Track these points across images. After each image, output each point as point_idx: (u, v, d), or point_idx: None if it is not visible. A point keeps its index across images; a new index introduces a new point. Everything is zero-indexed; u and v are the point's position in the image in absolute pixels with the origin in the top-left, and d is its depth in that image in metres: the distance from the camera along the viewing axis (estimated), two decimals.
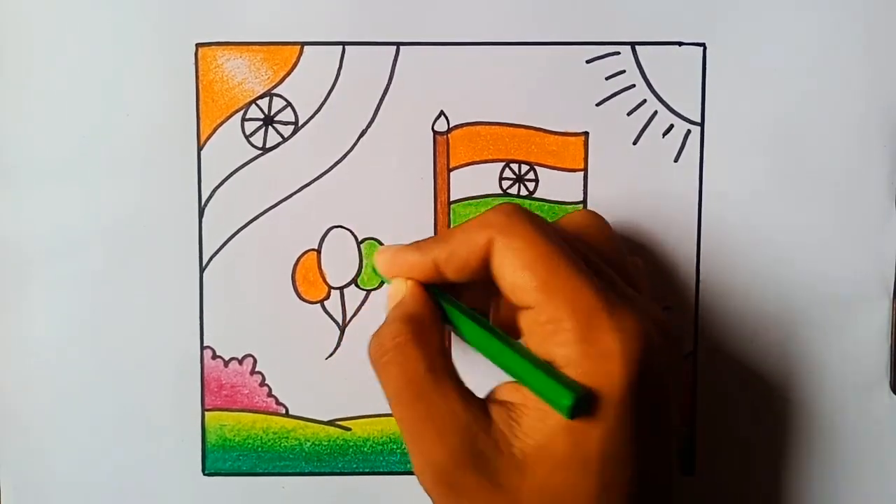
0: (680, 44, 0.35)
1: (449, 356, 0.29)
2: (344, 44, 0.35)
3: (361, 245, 0.35)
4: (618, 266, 0.30)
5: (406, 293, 0.30)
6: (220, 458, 0.36)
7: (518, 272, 0.27)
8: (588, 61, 0.35)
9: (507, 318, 0.30)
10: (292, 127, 0.35)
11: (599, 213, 0.32)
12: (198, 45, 0.35)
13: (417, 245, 0.30)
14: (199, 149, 0.35)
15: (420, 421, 0.27)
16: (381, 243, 0.35)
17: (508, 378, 0.28)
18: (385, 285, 0.32)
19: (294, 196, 0.35)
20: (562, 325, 0.26)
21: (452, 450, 0.27)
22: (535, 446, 0.27)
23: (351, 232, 0.36)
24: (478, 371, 0.29)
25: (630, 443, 0.26)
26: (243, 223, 0.35)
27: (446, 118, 0.35)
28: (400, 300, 0.30)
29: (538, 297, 0.27)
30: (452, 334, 0.31)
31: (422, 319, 0.29)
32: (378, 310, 0.36)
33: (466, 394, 0.28)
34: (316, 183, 0.35)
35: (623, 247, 0.32)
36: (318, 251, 0.36)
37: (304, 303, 0.36)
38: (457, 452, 0.27)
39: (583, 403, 0.26)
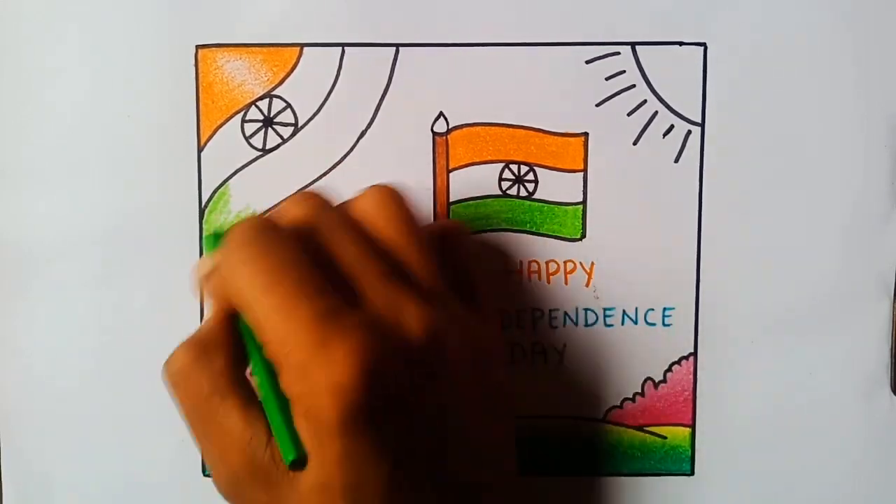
0: (680, 44, 0.35)
1: (234, 375, 0.29)
2: (343, 45, 0.35)
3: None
4: (393, 253, 0.29)
5: (211, 314, 0.30)
6: None
7: (246, 314, 0.27)
8: (588, 61, 0.35)
9: None
10: (292, 128, 0.35)
11: (389, 189, 0.31)
12: (198, 47, 0.35)
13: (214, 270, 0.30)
14: (200, 150, 0.35)
15: (205, 441, 0.29)
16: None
17: None
18: None
19: None
20: (285, 364, 0.27)
21: (233, 467, 0.28)
22: (301, 469, 0.27)
23: None
24: None
25: (372, 470, 0.26)
26: None
27: (445, 119, 0.35)
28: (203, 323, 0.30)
29: (263, 337, 0.27)
30: None
31: (207, 342, 0.29)
32: None
33: (251, 410, 0.28)
34: (315, 184, 0.35)
35: (408, 224, 0.30)
36: None
37: None
38: (237, 469, 0.28)
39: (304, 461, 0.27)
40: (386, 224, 0.30)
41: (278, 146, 0.35)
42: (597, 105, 0.35)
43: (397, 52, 0.35)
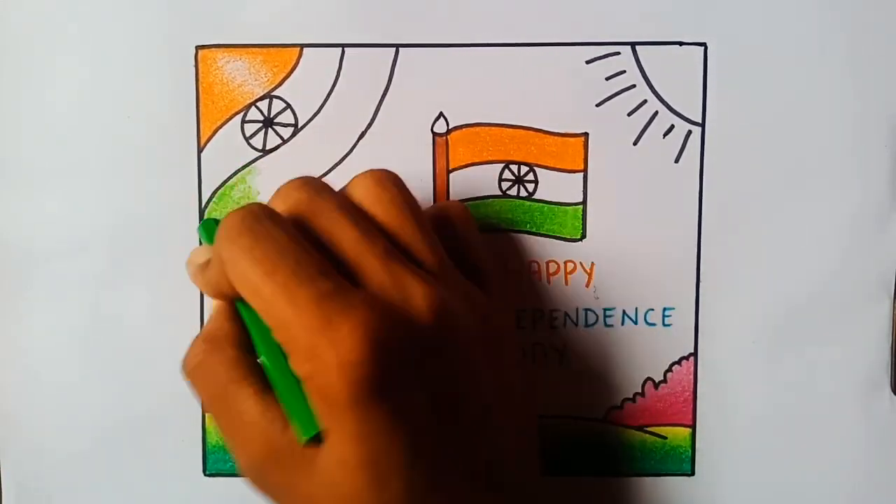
0: (680, 44, 0.35)
1: (247, 363, 0.29)
2: (343, 45, 0.35)
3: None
4: (393, 233, 0.30)
5: (214, 306, 0.31)
6: (221, 459, 0.36)
7: (249, 300, 0.28)
8: (588, 61, 0.35)
9: None
10: (292, 129, 0.35)
11: (385, 171, 0.31)
12: (198, 48, 0.35)
13: (207, 263, 0.30)
14: (200, 151, 0.35)
15: (226, 430, 0.29)
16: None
17: None
18: None
19: None
20: (292, 346, 0.27)
21: (253, 455, 0.28)
22: (316, 447, 0.28)
23: None
24: None
25: (388, 443, 0.27)
26: None
27: (445, 119, 0.35)
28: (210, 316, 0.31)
29: (268, 322, 0.27)
30: None
31: (217, 334, 0.30)
32: None
33: (266, 396, 0.28)
34: None
35: (407, 205, 0.30)
36: None
37: None
38: (258, 455, 0.28)
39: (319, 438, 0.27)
40: (385, 205, 0.30)
41: (278, 146, 0.35)
42: (597, 105, 0.35)
43: (397, 52, 0.35)
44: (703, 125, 0.35)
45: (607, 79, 0.35)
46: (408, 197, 0.30)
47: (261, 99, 0.35)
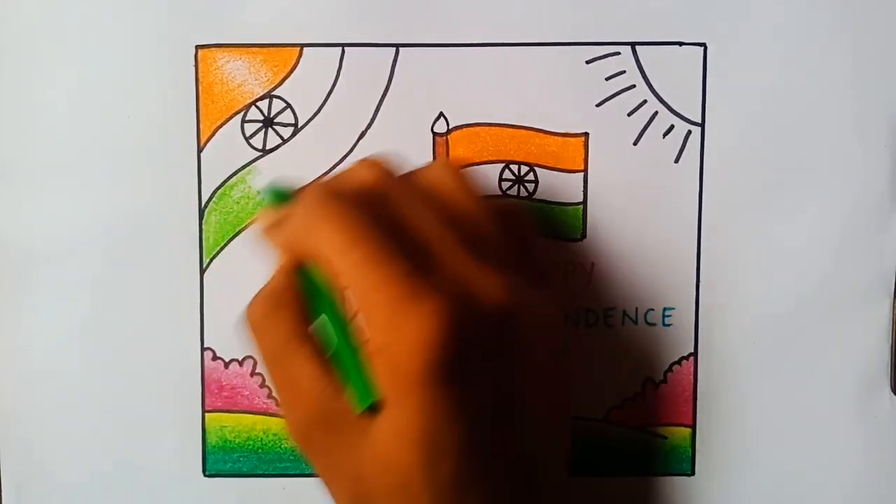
0: (680, 44, 0.35)
1: (306, 325, 0.29)
2: (343, 45, 0.35)
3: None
4: (466, 222, 0.30)
5: (278, 266, 0.31)
6: (220, 460, 0.36)
7: (326, 266, 0.28)
8: (588, 61, 0.35)
9: None
10: (292, 128, 0.35)
11: (453, 165, 0.31)
12: (198, 47, 0.35)
13: (282, 222, 0.30)
14: (200, 150, 0.35)
15: (279, 386, 0.29)
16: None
17: None
18: None
19: None
20: (372, 313, 0.27)
21: (304, 414, 0.29)
22: (369, 416, 0.28)
23: None
24: None
25: (448, 425, 0.27)
26: (243, 225, 0.36)
27: (446, 119, 0.35)
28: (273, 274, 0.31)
29: (352, 285, 0.28)
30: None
31: (280, 293, 0.30)
32: None
33: (324, 360, 0.29)
34: None
35: (480, 197, 0.31)
36: None
37: None
38: (308, 416, 0.29)
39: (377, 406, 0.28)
40: (460, 194, 0.30)
41: (278, 146, 0.35)
42: (597, 105, 0.35)
43: (397, 52, 0.35)
44: (702, 125, 0.35)
45: (607, 79, 0.35)
46: (478, 189, 0.31)
47: (261, 99, 0.35)
